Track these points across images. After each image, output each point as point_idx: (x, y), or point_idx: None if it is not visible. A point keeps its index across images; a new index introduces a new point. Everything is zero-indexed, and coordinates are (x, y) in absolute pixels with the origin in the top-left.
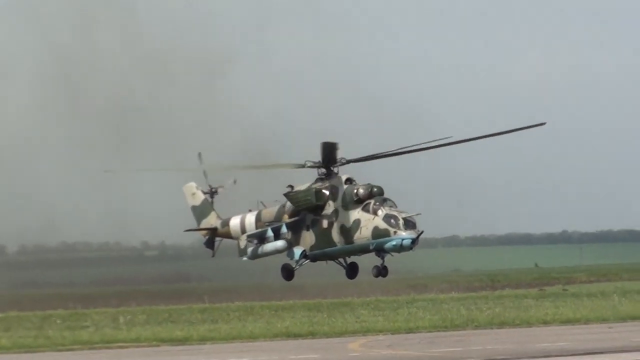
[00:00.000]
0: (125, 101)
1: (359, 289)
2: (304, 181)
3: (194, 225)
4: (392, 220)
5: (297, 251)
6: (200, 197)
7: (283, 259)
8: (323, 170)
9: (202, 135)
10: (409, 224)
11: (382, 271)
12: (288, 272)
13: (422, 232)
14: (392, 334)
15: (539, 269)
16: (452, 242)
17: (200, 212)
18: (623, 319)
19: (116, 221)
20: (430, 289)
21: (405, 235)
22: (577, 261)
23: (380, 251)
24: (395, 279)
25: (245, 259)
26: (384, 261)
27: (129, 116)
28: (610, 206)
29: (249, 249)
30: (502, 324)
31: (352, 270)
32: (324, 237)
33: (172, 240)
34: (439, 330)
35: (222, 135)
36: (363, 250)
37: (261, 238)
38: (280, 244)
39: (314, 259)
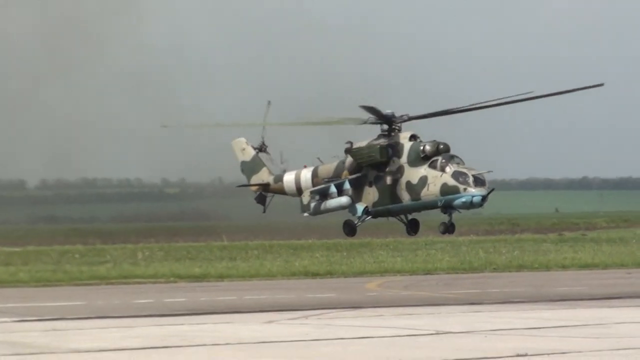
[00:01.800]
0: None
1: (379, 230)
2: (361, 137)
3: (243, 179)
4: (461, 177)
5: (360, 207)
6: (250, 152)
7: (339, 214)
8: (385, 126)
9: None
10: (479, 181)
11: (449, 228)
12: (350, 228)
13: (492, 190)
14: (410, 275)
15: (558, 214)
16: None
17: (251, 167)
18: None
19: (136, 158)
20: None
21: (475, 192)
22: (597, 207)
23: (449, 208)
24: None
25: (306, 214)
26: (451, 218)
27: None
28: (631, 153)
29: (312, 204)
30: (520, 267)
31: (413, 227)
32: (388, 193)
33: (192, 178)
34: (457, 272)
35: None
36: (430, 206)
37: (324, 194)
38: (344, 200)
39: (376, 215)
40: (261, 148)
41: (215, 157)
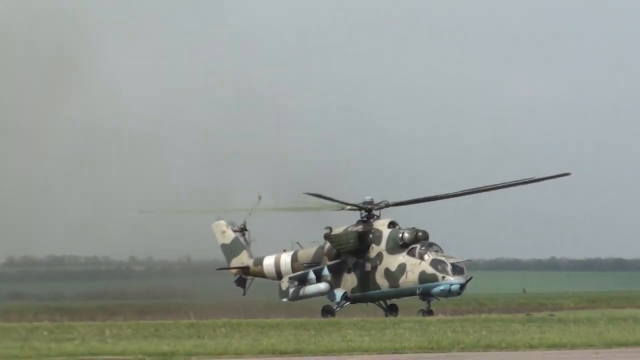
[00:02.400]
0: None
1: (346, 309)
2: (337, 224)
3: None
4: (440, 266)
5: (339, 293)
6: (230, 235)
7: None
8: (365, 213)
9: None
10: (457, 269)
11: (427, 314)
12: (329, 314)
13: (470, 278)
14: (378, 353)
15: (526, 295)
16: None
17: (231, 250)
18: (609, 345)
19: (104, 235)
20: (407, 307)
21: (453, 280)
22: (564, 288)
23: (427, 295)
24: None
25: (285, 300)
26: (429, 305)
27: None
28: (598, 235)
29: (291, 290)
30: (488, 347)
31: (392, 311)
32: (366, 280)
33: (160, 256)
34: (424, 352)
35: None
36: (408, 294)
37: (302, 280)
38: (323, 286)
39: (354, 301)
40: (242, 230)
41: (183, 234)
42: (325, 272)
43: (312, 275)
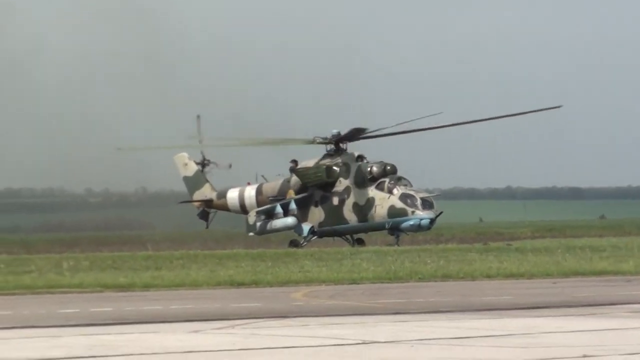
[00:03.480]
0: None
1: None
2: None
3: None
4: (409, 200)
5: (306, 227)
6: (193, 167)
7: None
8: (332, 146)
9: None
10: (427, 204)
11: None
12: (296, 248)
13: (440, 212)
14: (336, 284)
15: (483, 224)
16: None
17: (194, 183)
18: (566, 274)
19: (61, 167)
20: (374, 242)
21: (423, 214)
22: (521, 217)
23: (396, 230)
24: None
25: (252, 234)
26: (398, 240)
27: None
28: (554, 163)
29: (258, 224)
30: (445, 277)
31: (359, 244)
32: (334, 214)
33: (116, 187)
34: (382, 282)
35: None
36: (377, 228)
37: (270, 214)
38: (290, 220)
39: (321, 235)
40: (203, 163)
41: (138, 165)
42: (293, 205)
43: (279, 209)
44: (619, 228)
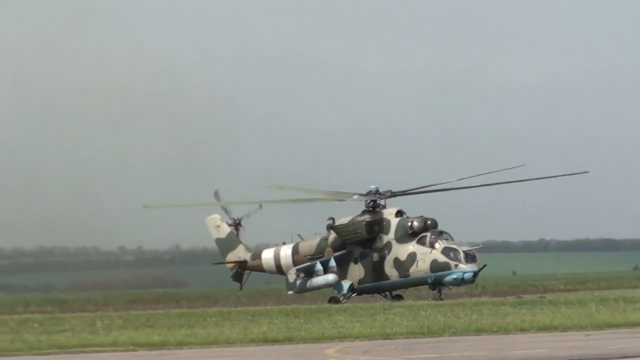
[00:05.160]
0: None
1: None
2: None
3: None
4: (452, 254)
5: (346, 285)
6: (225, 229)
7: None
8: (370, 202)
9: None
10: (470, 257)
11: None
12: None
13: (484, 266)
14: (369, 339)
15: (516, 277)
16: None
17: (227, 244)
18: (600, 326)
19: (94, 226)
20: (407, 296)
21: (466, 268)
22: (554, 269)
23: (439, 284)
24: None
25: (292, 292)
26: (441, 294)
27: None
28: (587, 215)
29: (298, 282)
30: (479, 331)
31: (397, 300)
32: (374, 270)
33: (149, 245)
34: (415, 337)
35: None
36: (419, 283)
37: (310, 272)
38: (331, 277)
39: (361, 292)
40: (236, 224)
41: (171, 223)
42: (332, 263)
43: (319, 266)
44: None
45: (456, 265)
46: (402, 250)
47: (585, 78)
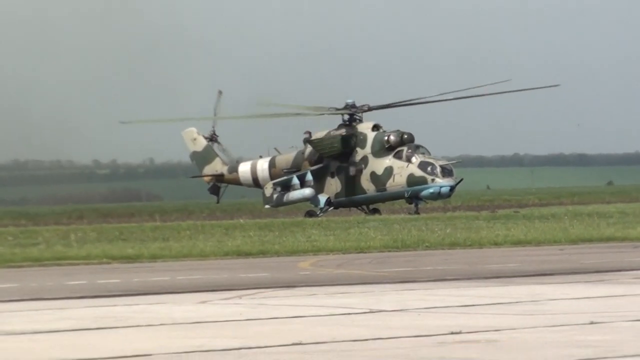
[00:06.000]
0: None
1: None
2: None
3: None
4: (429, 168)
5: (322, 199)
6: (202, 142)
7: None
8: (347, 116)
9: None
10: (446, 171)
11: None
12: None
13: (461, 180)
14: (343, 253)
15: (490, 191)
16: None
17: (203, 157)
18: (574, 241)
19: (68, 139)
20: (381, 210)
21: (443, 182)
22: (528, 184)
23: (415, 199)
24: None
25: (268, 206)
26: (417, 208)
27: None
28: (562, 130)
29: (274, 196)
30: (453, 245)
31: (374, 213)
32: (351, 184)
33: (123, 159)
34: (389, 251)
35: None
36: (396, 197)
37: (286, 186)
38: (307, 191)
39: (338, 205)
40: (212, 138)
41: (145, 137)
42: (309, 177)
43: (295, 180)
44: (627, 194)
45: (433, 180)
46: (378, 164)
47: None
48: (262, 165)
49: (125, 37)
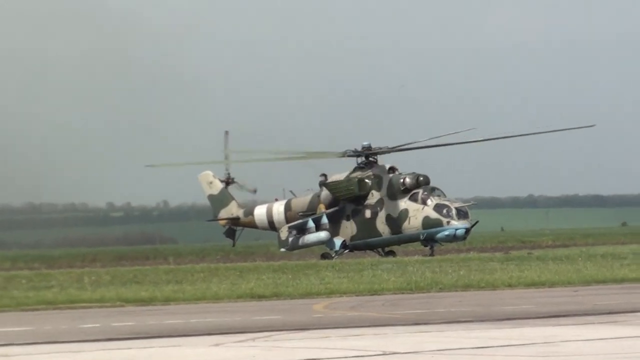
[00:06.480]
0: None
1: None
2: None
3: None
4: (444, 210)
5: (338, 242)
6: (218, 185)
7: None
8: (363, 159)
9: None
10: (462, 214)
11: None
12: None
13: (476, 222)
14: (356, 295)
15: (504, 233)
16: None
17: (219, 201)
18: (588, 282)
19: (82, 182)
20: (396, 252)
21: (458, 224)
22: (542, 225)
23: (431, 241)
24: None
25: (284, 249)
26: (433, 251)
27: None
28: (576, 171)
29: (290, 239)
30: (466, 287)
31: (389, 255)
32: (366, 227)
33: (137, 201)
34: (403, 293)
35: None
36: (411, 240)
37: (302, 229)
38: (323, 234)
39: (354, 248)
40: (228, 181)
41: (160, 180)
42: (324, 220)
43: (311, 223)
44: None
45: (448, 222)
46: (394, 207)
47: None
48: (278, 209)
49: (135, 82)
